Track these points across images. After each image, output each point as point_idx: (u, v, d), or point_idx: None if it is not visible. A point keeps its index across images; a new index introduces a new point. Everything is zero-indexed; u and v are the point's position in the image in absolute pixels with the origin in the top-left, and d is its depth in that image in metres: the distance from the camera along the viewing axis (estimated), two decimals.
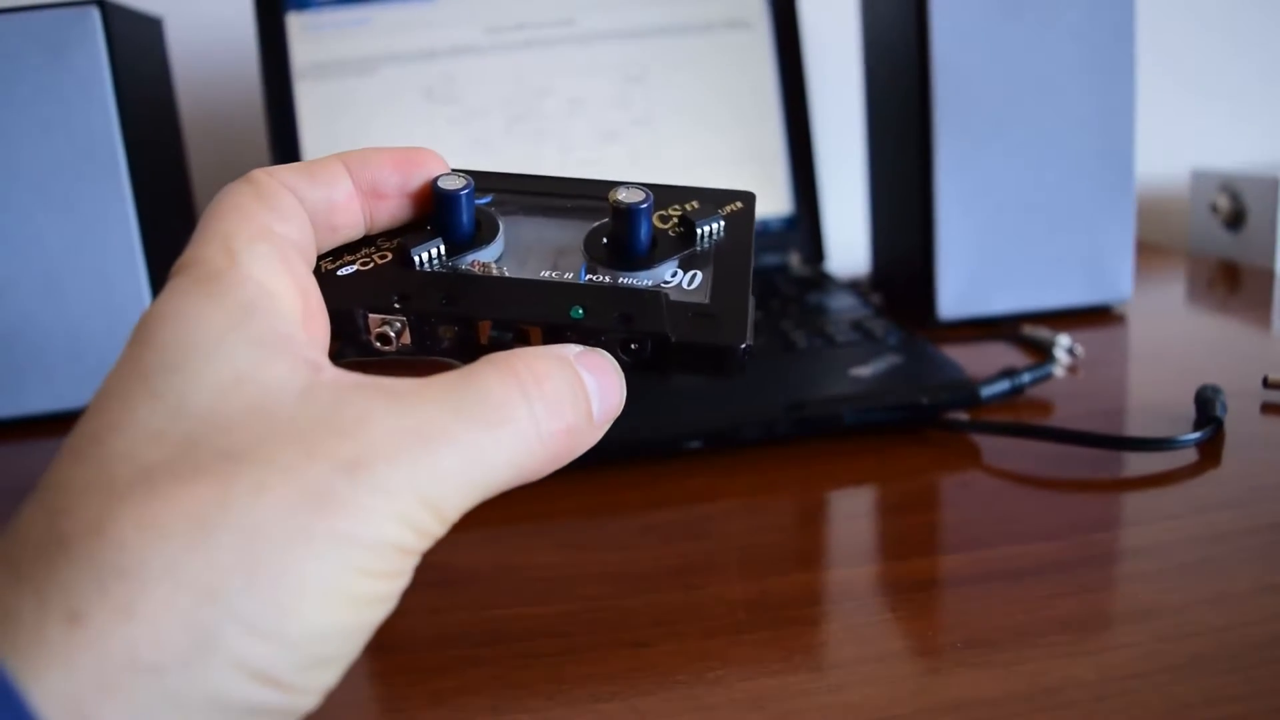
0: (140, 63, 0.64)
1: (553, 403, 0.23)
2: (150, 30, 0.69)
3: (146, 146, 0.63)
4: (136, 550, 0.18)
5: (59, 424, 0.59)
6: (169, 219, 0.66)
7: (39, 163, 0.58)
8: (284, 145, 0.73)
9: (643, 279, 0.27)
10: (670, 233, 0.28)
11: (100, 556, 0.18)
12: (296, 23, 0.73)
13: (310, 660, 0.19)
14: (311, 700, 0.20)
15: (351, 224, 0.27)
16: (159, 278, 0.60)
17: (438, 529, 0.21)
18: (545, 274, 0.27)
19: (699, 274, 0.27)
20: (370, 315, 0.26)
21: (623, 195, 0.27)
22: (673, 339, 0.25)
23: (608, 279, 0.27)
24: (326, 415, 0.21)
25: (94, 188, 0.59)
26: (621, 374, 0.25)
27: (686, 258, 0.27)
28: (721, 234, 0.28)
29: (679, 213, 0.28)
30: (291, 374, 0.21)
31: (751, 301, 0.27)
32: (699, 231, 0.27)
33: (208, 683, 0.18)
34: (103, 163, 0.59)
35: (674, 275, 0.27)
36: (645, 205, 0.26)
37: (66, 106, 0.58)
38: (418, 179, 0.27)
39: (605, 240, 0.28)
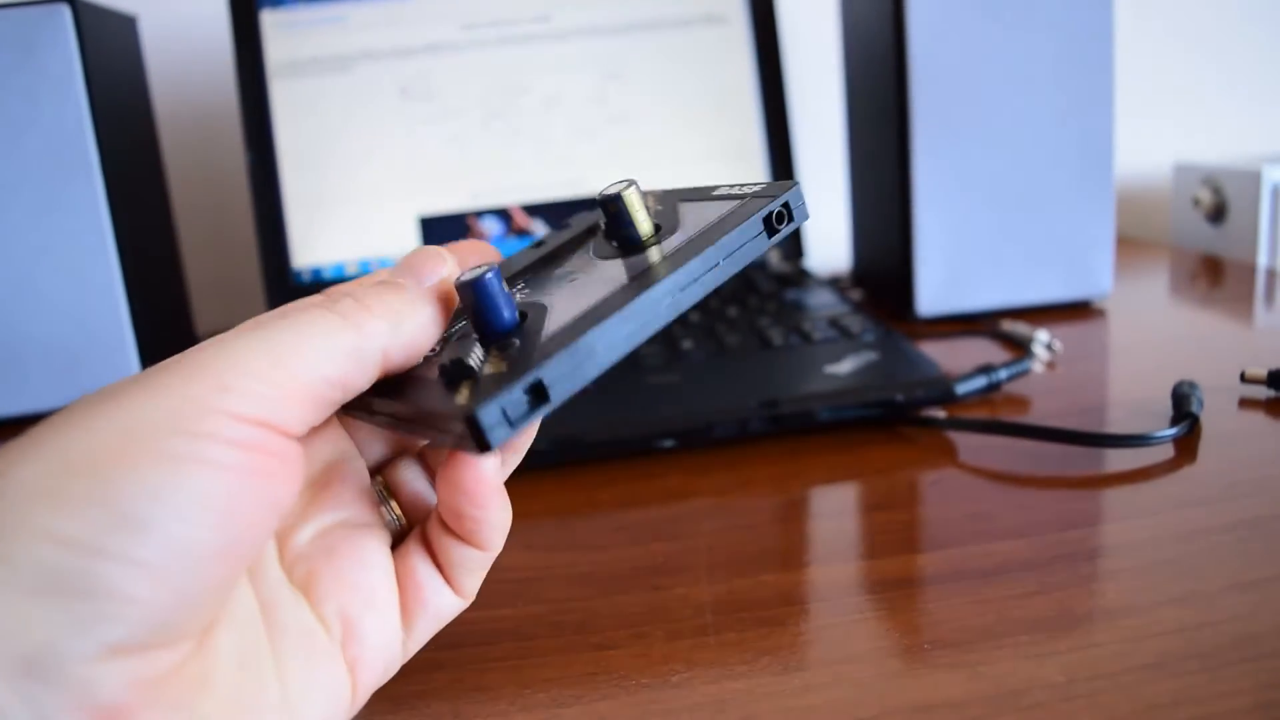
0: (113, 61, 0.64)
1: (336, 295, 0.25)
2: (124, 28, 0.68)
3: (120, 145, 0.62)
4: None
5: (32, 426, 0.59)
6: (144, 218, 0.66)
7: (10, 163, 0.57)
8: (259, 143, 0.72)
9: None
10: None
11: None
12: (271, 20, 0.73)
13: (118, 519, 0.19)
14: (120, 573, 0.19)
15: None
16: (133, 278, 0.60)
17: (253, 386, 0.22)
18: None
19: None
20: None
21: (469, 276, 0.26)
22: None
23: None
24: None
25: (66, 188, 0.58)
26: (431, 249, 0.27)
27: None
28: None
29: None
30: None
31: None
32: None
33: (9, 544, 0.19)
34: (75, 163, 0.58)
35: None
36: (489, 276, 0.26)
37: (38, 106, 0.57)
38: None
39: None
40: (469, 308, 0.26)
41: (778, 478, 0.45)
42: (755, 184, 0.29)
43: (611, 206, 0.28)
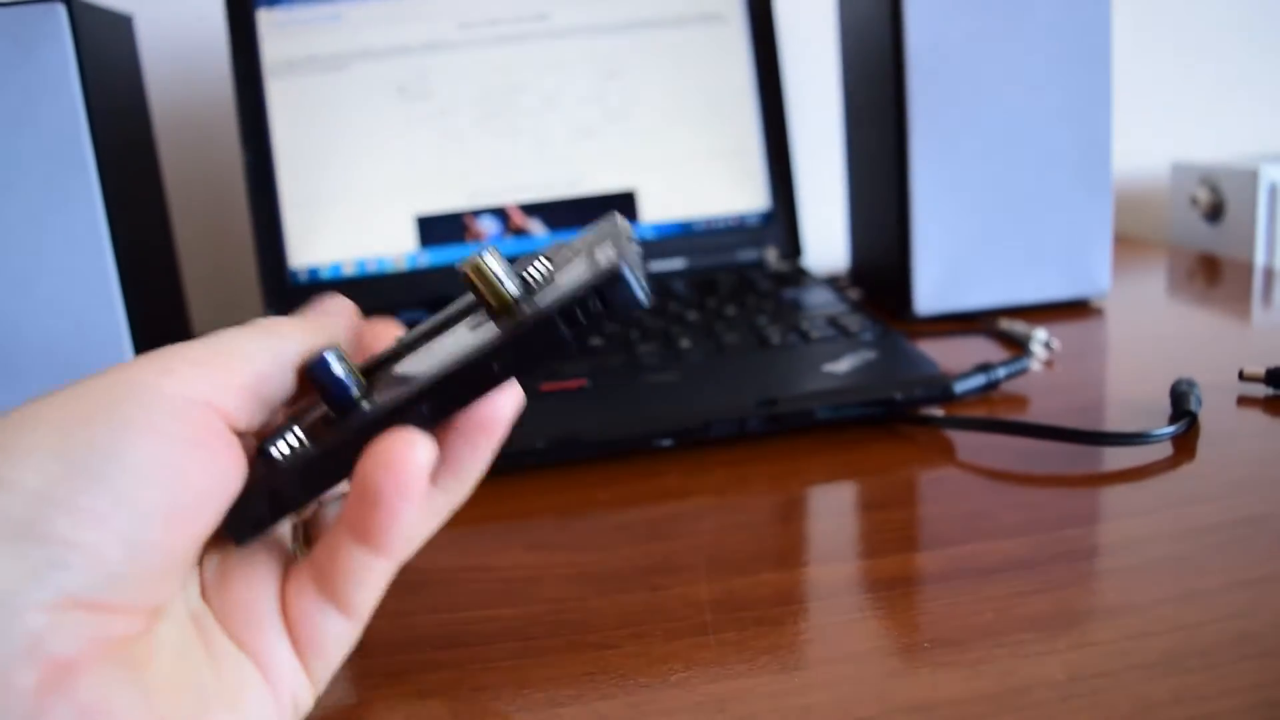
0: (109, 60, 0.64)
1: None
2: (120, 27, 0.68)
3: (116, 144, 0.62)
4: None
5: None
6: (140, 217, 0.66)
7: (6, 162, 0.57)
8: (256, 142, 0.72)
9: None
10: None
11: None
12: (267, 19, 0.73)
13: (68, 471, 0.21)
14: (70, 521, 0.21)
15: None
16: (129, 277, 0.60)
17: (188, 370, 0.24)
18: None
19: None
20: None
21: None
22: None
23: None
24: None
25: (63, 187, 0.58)
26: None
27: None
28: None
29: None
30: None
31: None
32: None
33: None
34: (71, 162, 0.58)
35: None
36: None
37: (33, 105, 0.57)
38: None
39: None
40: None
41: (776, 477, 0.45)
42: (606, 252, 0.26)
43: (463, 280, 0.27)
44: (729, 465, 0.47)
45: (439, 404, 0.26)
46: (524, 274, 0.27)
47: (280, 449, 0.26)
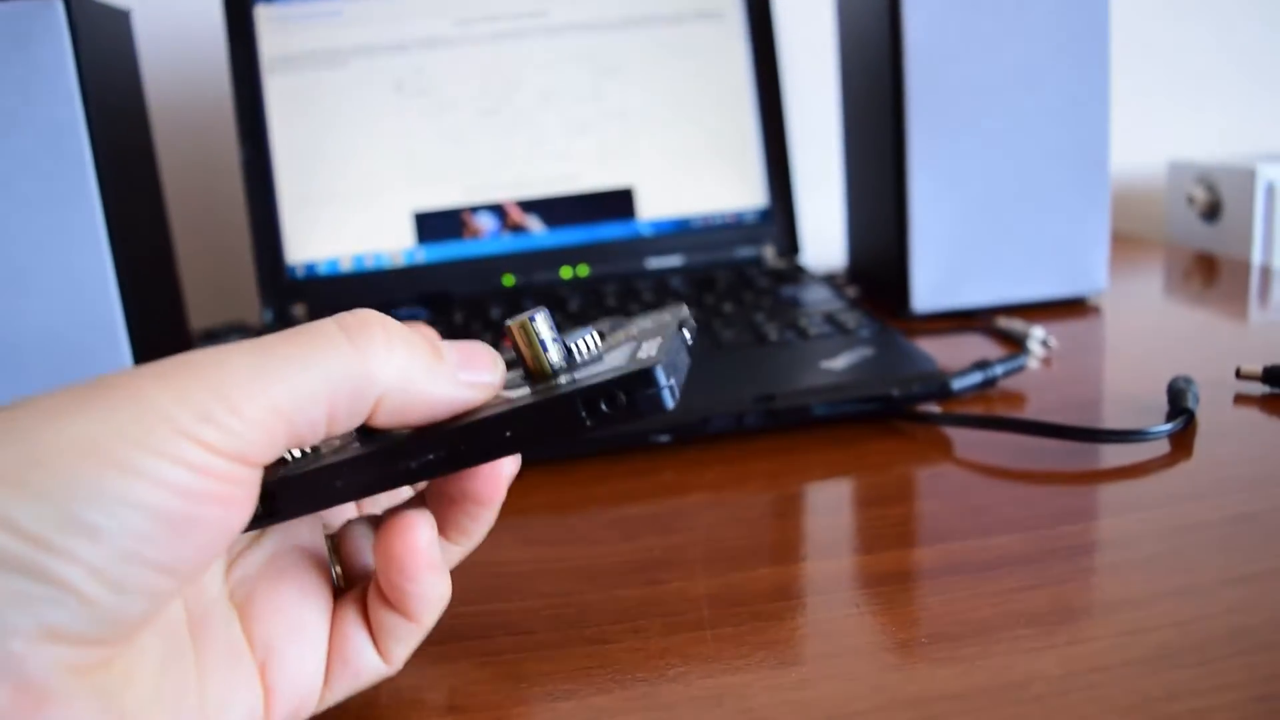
0: (107, 55, 0.63)
1: (365, 322, 0.24)
2: (117, 22, 0.67)
3: (114, 140, 0.62)
4: None
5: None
6: (137, 213, 0.66)
7: (2, 158, 0.57)
8: (253, 138, 0.72)
9: None
10: None
11: None
12: (265, 14, 0.73)
13: (71, 520, 0.20)
14: (65, 568, 0.20)
15: None
16: (126, 273, 0.60)
17: (230, 420, 0.21)
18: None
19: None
20: None
21: None
22: None
23: None
24: None
25: (60, 183, 0.58)
26: (495, 353, 0.27)
27: None
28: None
29: None
30: None
31: None
32: None
33: None
34: (68, 157, 0.58)
35: None
36: None
37: (30, 100, 0.57)
38: None
39: None
40: None
41: (773, 473, 0.45)
42: (652, 347, 0.26)
43: (508, 339, 0.27)
44: (726, 461, 0.47)
45: (443, 456, 0.25)
46: (571, 345, 0.26)
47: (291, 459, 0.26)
